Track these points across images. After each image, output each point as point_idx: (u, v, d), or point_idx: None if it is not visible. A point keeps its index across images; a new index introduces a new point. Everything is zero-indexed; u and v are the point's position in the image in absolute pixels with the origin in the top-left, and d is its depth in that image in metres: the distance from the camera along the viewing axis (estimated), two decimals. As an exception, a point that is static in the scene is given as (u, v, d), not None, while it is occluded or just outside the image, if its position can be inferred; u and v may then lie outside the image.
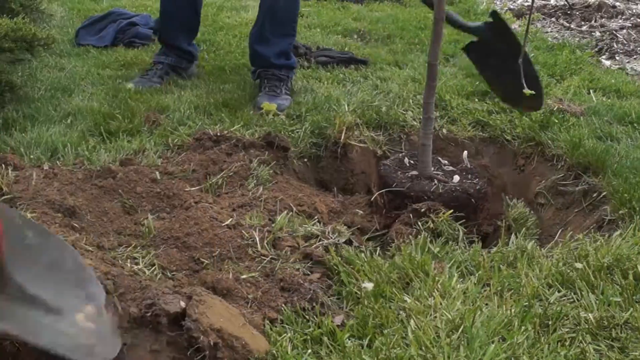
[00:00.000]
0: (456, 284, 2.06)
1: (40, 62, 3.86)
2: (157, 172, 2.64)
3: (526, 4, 6.62)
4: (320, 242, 2.31)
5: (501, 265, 2.20)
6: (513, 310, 1.91)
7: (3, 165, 2.55)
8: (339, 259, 2.22)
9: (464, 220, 2.57)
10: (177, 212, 2.43)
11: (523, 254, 2.28)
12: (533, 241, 2.45)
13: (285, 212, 2.48)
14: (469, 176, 2.82)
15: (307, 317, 1.93)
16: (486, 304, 1.96)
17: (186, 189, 2.59)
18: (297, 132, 3.21)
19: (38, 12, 4.24)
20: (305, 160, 3.13)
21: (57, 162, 2.72)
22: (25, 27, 3.30)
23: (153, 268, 2.09)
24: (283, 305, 1.98)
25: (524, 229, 2.68)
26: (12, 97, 3.29)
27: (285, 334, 1.84)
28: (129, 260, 2.10)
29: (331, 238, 2.35)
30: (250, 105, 3.49)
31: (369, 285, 2.00)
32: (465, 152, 3.03)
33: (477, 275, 2.14)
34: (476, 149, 3.37)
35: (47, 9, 4.70)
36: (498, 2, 6.85)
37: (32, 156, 2.74)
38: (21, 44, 3.28)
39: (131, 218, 2.40)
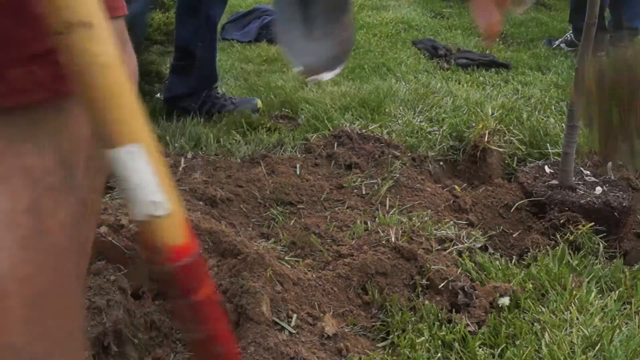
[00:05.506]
0: (595, 299, 1.99)
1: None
2: (295, 167, 2.69)
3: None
4: (455, 247, 2.28)
5: (644, 284, 2.11)
6: (655, 332, 1.82)
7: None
8: (472, 264, 2.19)
9: (604, 234, 2.48)
10: (314, 206, 2.47)
11: (669, 273, 2.18)
12: (680, 261, 2.33)
13: (420, 214, 2.46)
14: (612, 189, 2.72)
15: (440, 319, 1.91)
16: (626, 323, 1.88)
17: (324, 185, 2.62)
18: (435, 134, 3.18)
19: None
20: (442, 163, 3.09)
21: (200, 151, 2.82)
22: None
23: (291, 263, 2.13)
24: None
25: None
26: (160, 87, 3.44)
27: (421, 337, 1.83)
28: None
29: (466, 242, 2.32)
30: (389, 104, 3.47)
31: (506, 300, 1.95)
32: (610, 164, 2.91)
33: (617, 292, 2.06)
34: (621, 161, 3.23)
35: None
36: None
37: (176, 144, 2.85)
38: (171, 37, 3.43)
39: (268, 210, 2.46)
